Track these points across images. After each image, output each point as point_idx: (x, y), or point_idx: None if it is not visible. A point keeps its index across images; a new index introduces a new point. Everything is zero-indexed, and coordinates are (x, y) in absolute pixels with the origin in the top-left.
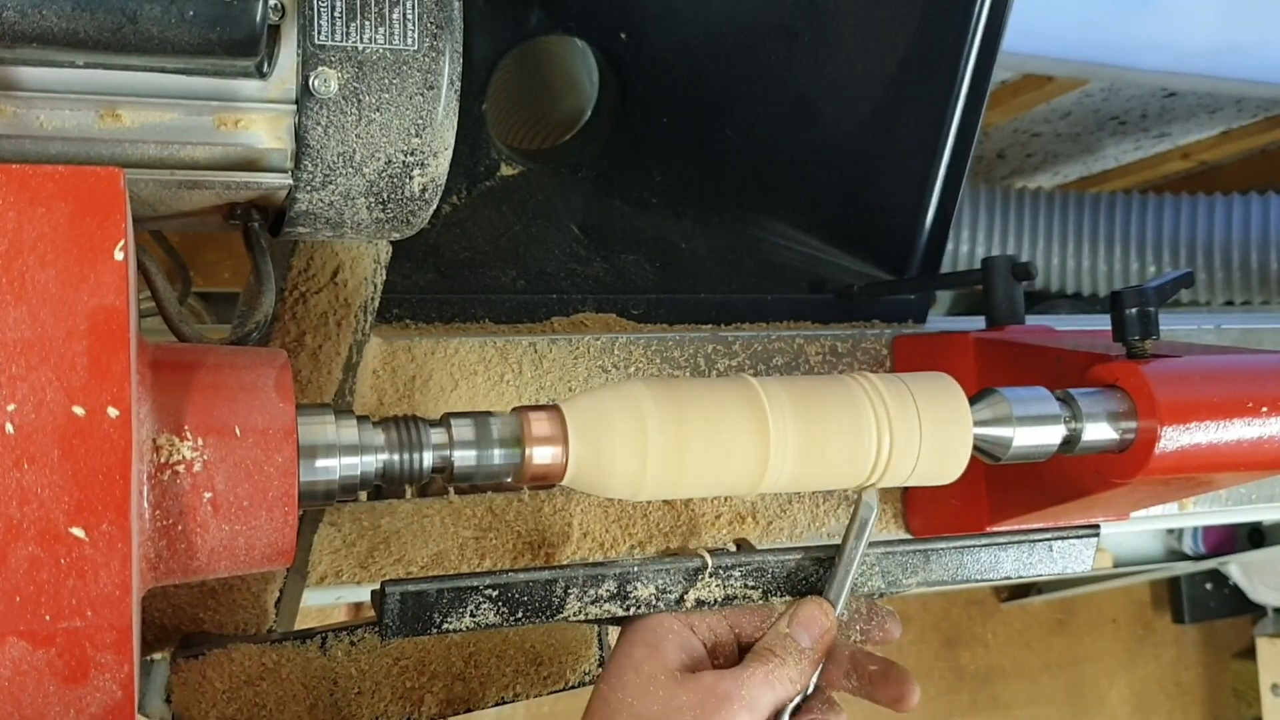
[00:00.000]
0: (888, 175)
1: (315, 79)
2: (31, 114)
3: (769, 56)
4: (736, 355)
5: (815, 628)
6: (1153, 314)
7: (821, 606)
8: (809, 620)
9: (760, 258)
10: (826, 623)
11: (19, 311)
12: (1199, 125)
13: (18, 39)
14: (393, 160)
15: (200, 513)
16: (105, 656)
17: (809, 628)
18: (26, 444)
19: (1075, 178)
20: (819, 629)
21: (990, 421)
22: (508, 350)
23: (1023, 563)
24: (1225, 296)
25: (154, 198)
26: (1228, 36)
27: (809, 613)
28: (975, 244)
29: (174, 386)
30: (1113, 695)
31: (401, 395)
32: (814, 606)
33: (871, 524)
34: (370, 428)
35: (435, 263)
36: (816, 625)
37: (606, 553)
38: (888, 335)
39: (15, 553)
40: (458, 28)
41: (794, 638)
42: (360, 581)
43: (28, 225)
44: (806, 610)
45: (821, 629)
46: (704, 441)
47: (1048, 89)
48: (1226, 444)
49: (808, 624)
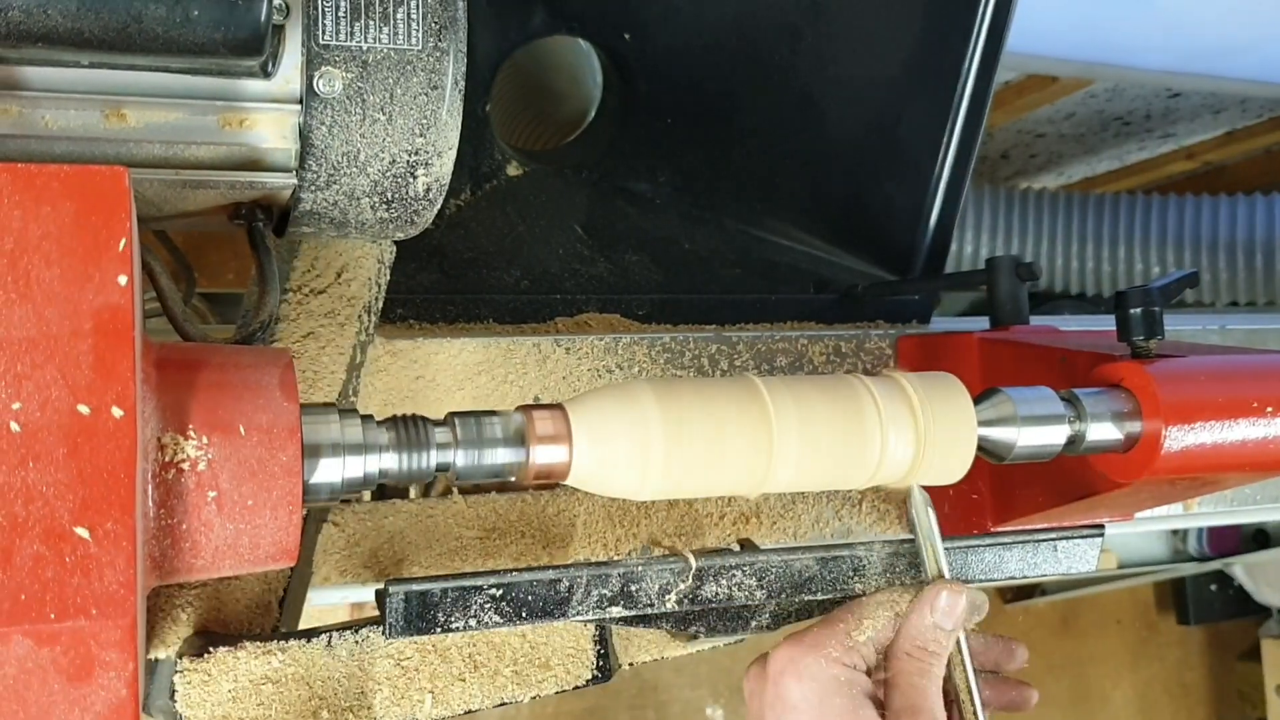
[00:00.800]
0: (892, 175)
1: (320, 79)
2: (37, 113)
3: (773, 56)
4: (740, 355)
5: (956, 609)
6: (1157, 314)
7: (951, 588)
8: (951, 606)
9: (764, 258)
10: (964, 601)
11: (24, 310)
12: (1203, 125)
13: (23, 39)
14: (397, 160)
15: (204, 511)
16: (110, 655)
17: (951, 613)
18: (31, 442)
19: (1079, 178)
20: (959, 610)
21: (994, 421)
22: (511, 351)
23: (1027, 563)
24: (1230, 297)
25: (159, 197)
26: (1232, 36)
27: (946, 599)
28: (980, 244)
29: (178, 385)
30: (1117, 696)
31: (405, 395)
32: (947, 590)
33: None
34: (374, 427)
35: (439, 263)
36: (956, 607)
37: (610, 553)
38: (892, 335)
39: (20, 551)
40: (462, 28)
41: (940, 626)
42: (364, 581)
43: (33, 224)
44: (942, 598)
45: (961, 608)
46: (707, 441)
47: (1052, 89)
48: (1231, 444)
49: (950, 610)
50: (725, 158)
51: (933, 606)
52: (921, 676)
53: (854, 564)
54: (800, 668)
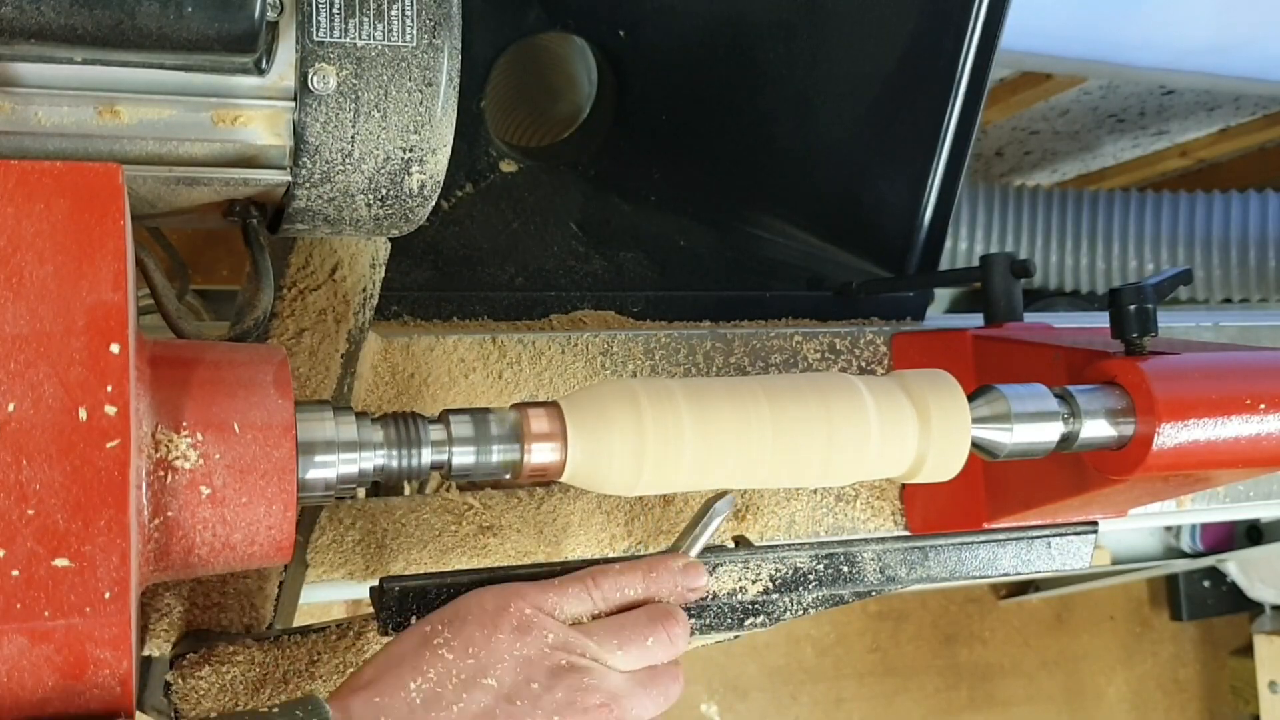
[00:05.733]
0: (886, 172)
1: (314, 75)
2: (30, 110)
3: (767, 54)
4: (735, 352)
5: (685, 576)
6: (1151, 311)
7: (692, 561)
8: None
9: (759, 255)
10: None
11: (17, 308)
12: (1197, 123)
13: (16, 35)
14: (391, 157)
15: (199, 509)
16: (103, 653)
17: (681, 576)
18: (25, 440)
19: (1074, 175)
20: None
21: (988, 419)
22: (506, 347)
23: (1021, 559)
24: (1224, 294)
25: (152, 194)
26: (1226, 34)
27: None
28: (974, 241)
29: (173, 383)
30: (1110, 692)
31: (400, 392)
32: (684, 559)
33: (723, 518)
34: (369, 424)
35: (434, 260)
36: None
37: (605, 551)
38: (886, 332)
39: (14, 549)
40: (456, 24)
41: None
42: (359, 578)
43: (26, 221)
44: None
45: (692, 581)
46: (699, 438)
47: (1046, 86)
48: (1224, 441)
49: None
50: (720, 155)
51: (668, 566)
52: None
53: (849, 560)
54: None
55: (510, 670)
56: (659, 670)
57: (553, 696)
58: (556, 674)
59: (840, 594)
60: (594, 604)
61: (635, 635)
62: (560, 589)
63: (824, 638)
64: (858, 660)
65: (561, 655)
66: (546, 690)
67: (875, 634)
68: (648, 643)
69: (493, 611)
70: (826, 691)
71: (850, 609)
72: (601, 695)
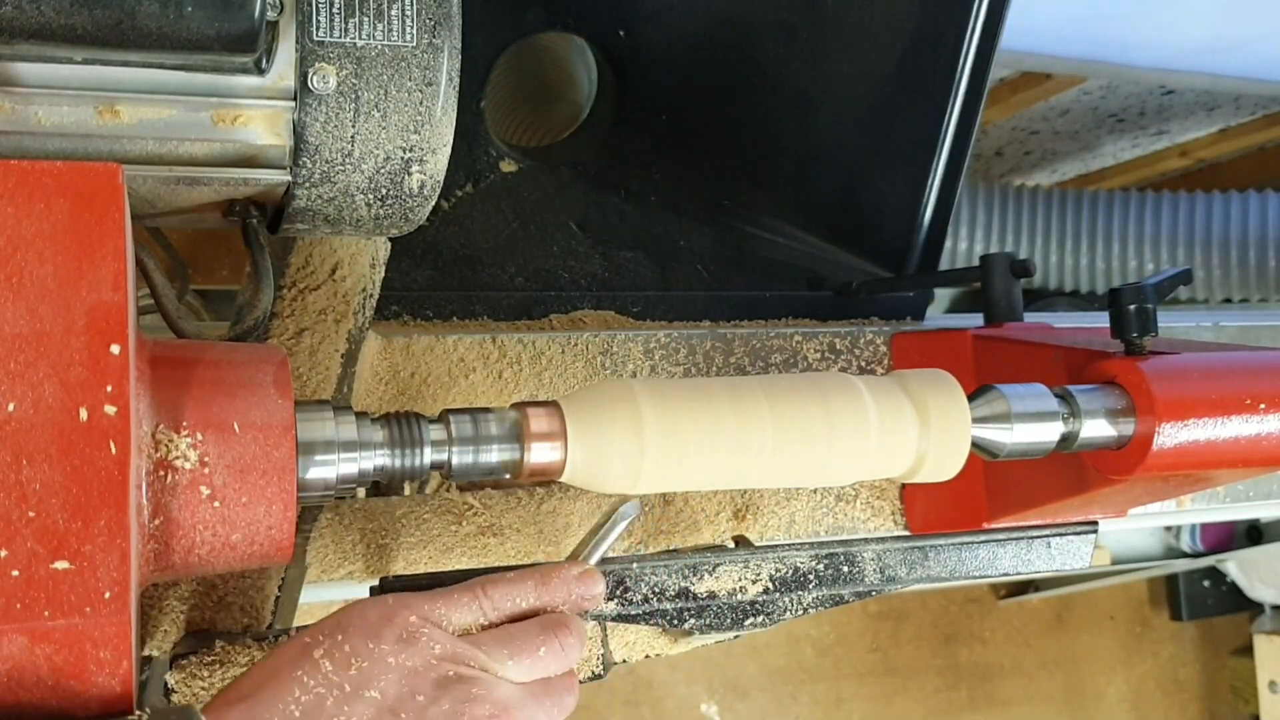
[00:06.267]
0: (886, 172)
1: (314, 75)
2: (30, 110)
3: (767, 53)
4: (734, 352)
5: (581, 584)
6: (1151, 311)
7: (588, 569)
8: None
9: (758, 255)
10: (598, 586)
11: (17, 307)
12: (1197, 123)
13: (15, 34)
14: (391, 157)
15: (199, 509)
16: (104, 653)
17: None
18: (25, 440)
19: (1073, 175)
20: (585, 587)
21: (988, 418)
22: (506, 347)
23: (1021, 559)
24: (1223, 294)
25: (152, 194)
26: (1226, 34)
27: (578, 570)
28: (974, 241)
29: (173, 383)
30: (1110, 692)
31: (400, 392)
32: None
33: (627, 524)
34: (369, 424)
35: (434, 260)
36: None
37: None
38: (886, 332)
39: (14, 549)
40: (456, 24)
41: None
42: (359, 578)
43: (26, 221)
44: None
45: (589, 590)
46: (698, 437)
47: (1046, 86)
48: (1224, 441)
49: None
50: (720, 154)
51: (562, 574)
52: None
53: (849, 560)
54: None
55: (395, 682)
56: (553, 681)
57: (439, 708)
58: (443, 685)
59: (840, 594)
60: (484, 613)
61: (526, 645)
62: (449, 598)
63: (824, 638)
64: (858, 660)
65: (448, 666)
66: (433, 702)
67: (875, 634)
68: (539, 652)
69: (376, 622)
70: (826, 691)
71: (850, 609)
72: (490, 706)
